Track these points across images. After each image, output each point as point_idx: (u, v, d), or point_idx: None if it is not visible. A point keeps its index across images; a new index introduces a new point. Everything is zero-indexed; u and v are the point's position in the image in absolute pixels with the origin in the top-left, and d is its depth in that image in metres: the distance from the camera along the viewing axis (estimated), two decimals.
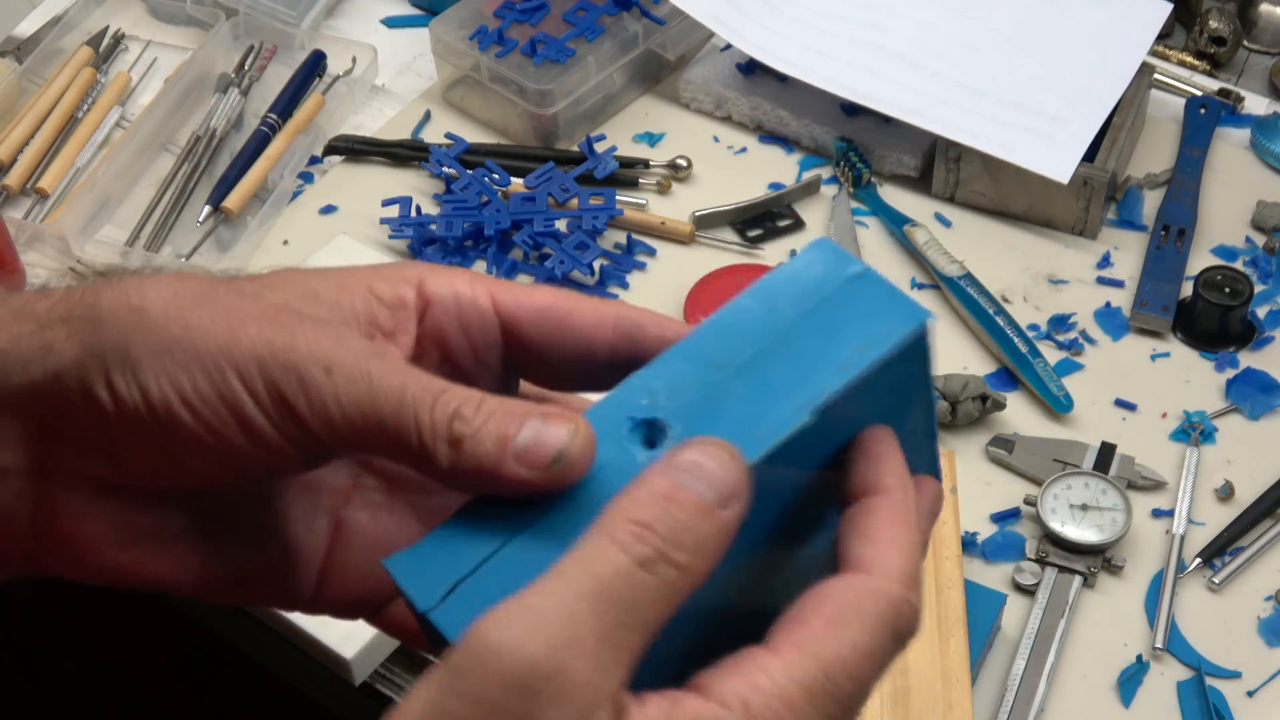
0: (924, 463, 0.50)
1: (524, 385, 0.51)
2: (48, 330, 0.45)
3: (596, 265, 1.18)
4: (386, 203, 1.22)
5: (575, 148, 1.27)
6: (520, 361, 0.49)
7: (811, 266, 0.46)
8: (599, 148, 1.26)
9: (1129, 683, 0.95)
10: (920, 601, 0.44)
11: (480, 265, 1.20)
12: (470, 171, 1.24)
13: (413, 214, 1.22)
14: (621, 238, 1.22)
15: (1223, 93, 1.32)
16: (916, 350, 0.46)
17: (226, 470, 0.45)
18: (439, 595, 0.42)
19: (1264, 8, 1.40)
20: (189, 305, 0.44)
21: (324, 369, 0.43)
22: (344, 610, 0.51)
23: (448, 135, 1.28)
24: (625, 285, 1.19)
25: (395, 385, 0.43)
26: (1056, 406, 1.08)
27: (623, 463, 0.43)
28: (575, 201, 1.21)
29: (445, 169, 1.25)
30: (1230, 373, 1.11)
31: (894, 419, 0.47)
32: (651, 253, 1.22)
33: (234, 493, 0.48)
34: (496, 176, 1.23)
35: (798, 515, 0.47)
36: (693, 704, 0.40)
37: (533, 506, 0.43)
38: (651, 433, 0.44)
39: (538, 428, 0.43)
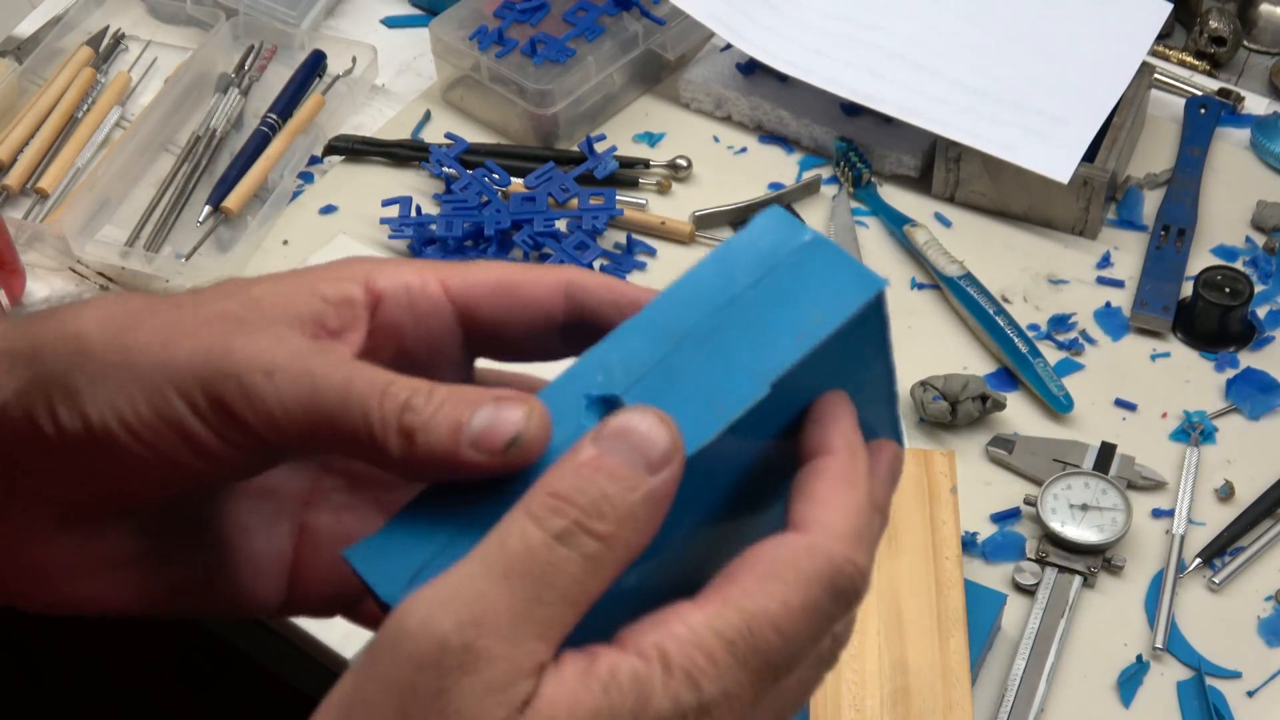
0: (885, 427, 0.50)
1: (480, 364, 0.51)
2: None
3: (596, 265, 1.18)
4: (386, 203, 1.23)
5: (575, 148, 1.27)
6: (476, 342, 0.49)
7: (765, 235, 0.46)
8: (599, 148, 1.26)
9: (1129, 683, 0.95)
10: (867, 563, 0.43)
11: None
12: (470, 171, 1.24)
13: (413, 214, 1.22)
14: (621, 238, 1.22)
15: (1223, 93, 1.32)
16: (873, 317, 0.45)
17: (177, 486, 0.45)
18: (402, 584, 0.42)
19: (1264, 8, 1.40)
20: (126, 327, 0.44)
21: (264, 372, 0.43)
22: (319, 609, 0.51)
23: (448, 135, 1.28)
24: None
25: (340, 380, 0.42)
26: (1056, 406, 1.08)
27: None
28: (575, 201, 1.21)
29: (445, 169, 1.25)
30: (1230, 373, 1.11)
31: (851, 384, 0.47)
32: (651, 253, 1.22)
33: (191, 510, 0.48)
34: (496, 176, 1.23)
35: (758, 484, 0.47)
36: (610, 658, 0.40)
37: (491, 488, 0.43)
38: (608, 410, 0.43)
39: (491, 412, 0.42)
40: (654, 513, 0.41)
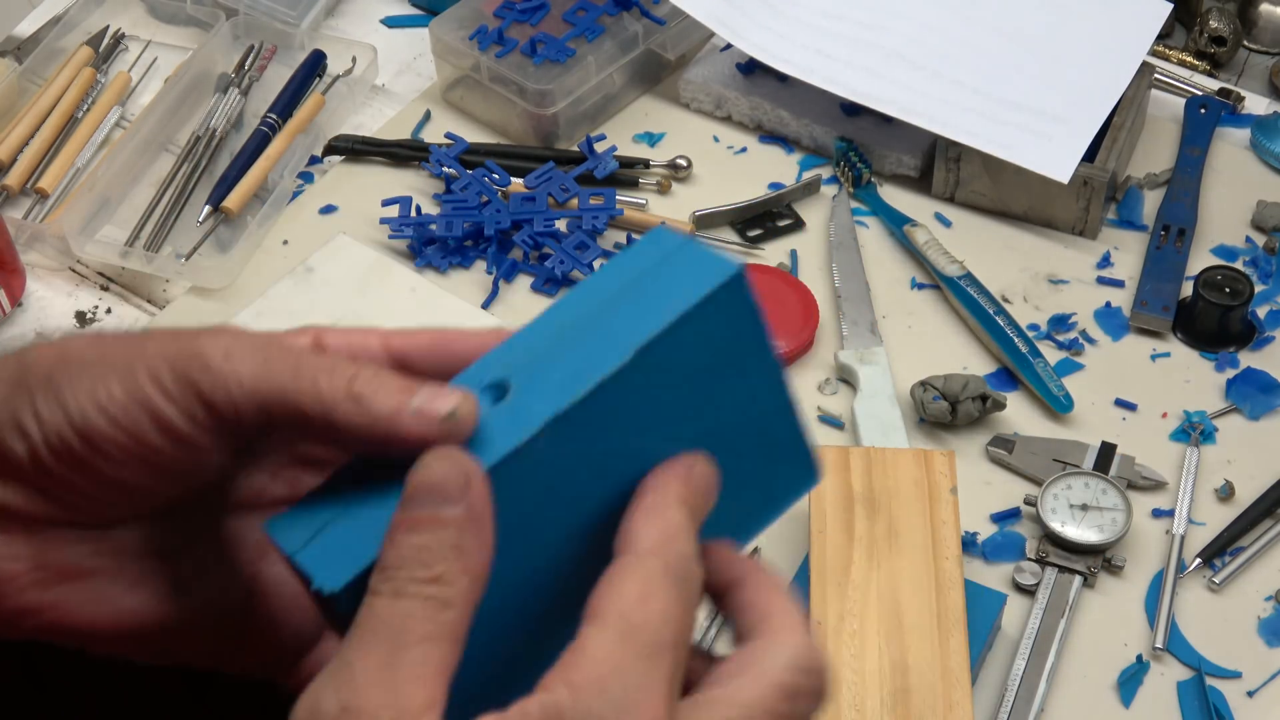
0: (787, 446, 0.53)
1: None
2: None
3: (596, 265, 1.18)
4: (386, 203, 1.23)
5: (575, 148, 1.27)
6: None
7: (646, 246, 0.50)
8: (599, 148, 1.26)
9: (1129, 683, 0.95)
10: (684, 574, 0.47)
11: (480, 265, 1.20)
12: (470, 171, 1.24)
13: (413, 214, 1.22)
14: (621, 238, 1.22)
15: (1223, 93, 1.32)
16: (734, 302, 0.49)
17: (149, 477, 0.48)
18: (303, 542, 0.47)
19: (1264, 8, 1.40)
20: (101, 339, 0.49)
21: (223, 355, 0.47)
22: (257, 663, 0.54)
23: (448, 135, 1.28)
24: None
25: (291, 359, 0.47)
26: (1056, 406, 1.08)
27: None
28: (575, 201, 1.21)
29: (445, 169, 1.25)
30: (1230, 373, 1.11)
31: (734, 393, 0.50)
32: None
33: (150, 540, 0.51)
34: (496, 176, 1.23)
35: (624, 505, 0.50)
36: (520, 702, 0.42)
37: (393, 466, 0.47)
38: (499, 394, 0.48)
39: (431, 391, 0.46)
40: (476, 532, 0.44)
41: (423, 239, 1.21)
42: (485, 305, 1.17)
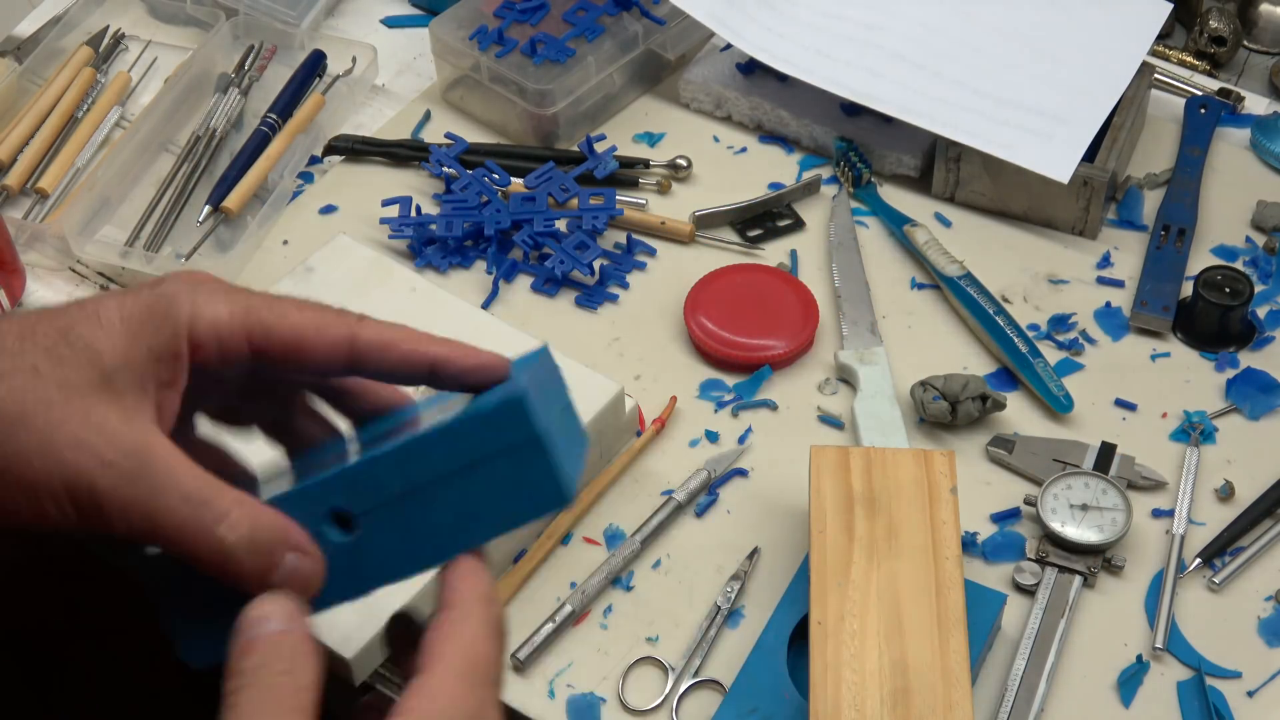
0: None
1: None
2: None
3: (596, 265, 1.18)
4: (386, 203, 1.23)
5: (575, 148, 1.27)
6: (274, 373, 0.64)
7: (504, 420, 0.59)
8: (599, 148, 1.26)
9: (1129, 683, 0.95)
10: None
11: (480, 265, 1.20)
12: (470, 171, 1.24)
13: (413, 214, 1.22)
14: (621, 238, 1.22)
15: (1223, 93, 1.32)
16: (558, 510, 0.66)
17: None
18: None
19: (1264, 8, 1.40)
20: (7, 433, 0.57)
21: (120, 509, 0.57)
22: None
23: (448, 135, 1.28)
24: (625, 285, 1.19)
25: (175, 502, 0.57)
26: (1056, 406, 1.08)
27: (322, 541, 0.60)
28: (575, 201, 1.21)
29: (445, 169, 1.25)
30: (1230, 373, 1.11)
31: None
32: (651, 253, 1.22)
33: None
34: (496, 176, 1.23)
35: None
36: None
37: None
38: (342, 520, 0.60)
39: (291, 566, 0.59)
40: (303, 641, 0.57)
41: (423, 239, 1.21)
42: (485, 305, 1.17)
